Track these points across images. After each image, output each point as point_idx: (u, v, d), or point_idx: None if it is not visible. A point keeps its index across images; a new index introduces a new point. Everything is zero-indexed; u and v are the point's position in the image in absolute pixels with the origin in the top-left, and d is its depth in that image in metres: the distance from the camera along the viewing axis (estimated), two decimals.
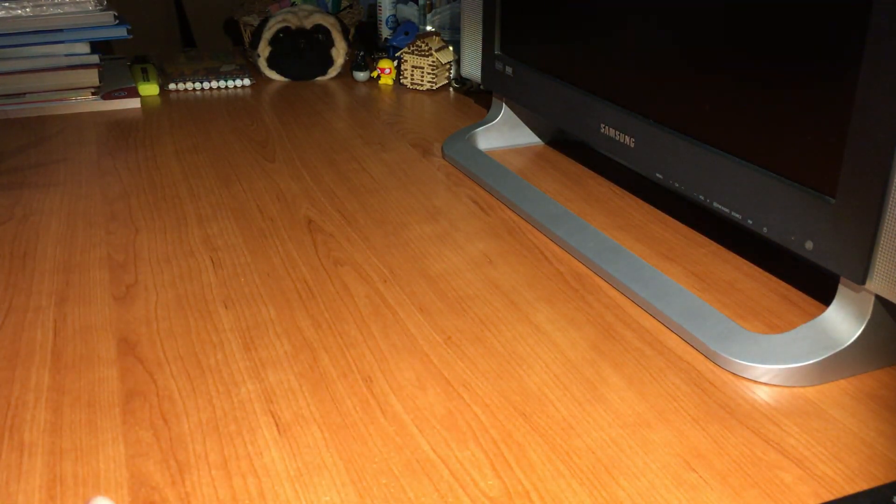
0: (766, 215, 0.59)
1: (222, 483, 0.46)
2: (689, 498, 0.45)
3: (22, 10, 1.11)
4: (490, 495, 0.45)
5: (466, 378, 0.55)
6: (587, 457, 0.48)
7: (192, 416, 0.51)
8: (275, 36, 1.27)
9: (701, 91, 0.65)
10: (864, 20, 0.49)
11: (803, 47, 0.55)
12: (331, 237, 0.75)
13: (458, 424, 0.51)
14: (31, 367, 0.56)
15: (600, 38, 0.78)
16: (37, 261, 0.71)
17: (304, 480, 0.46)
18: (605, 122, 0.77)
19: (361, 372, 0.56)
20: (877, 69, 0.49)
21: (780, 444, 0.49)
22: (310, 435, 0.50)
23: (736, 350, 0.56)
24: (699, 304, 0.62)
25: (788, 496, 0.45)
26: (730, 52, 0.62)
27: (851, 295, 0.54)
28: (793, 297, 0.65)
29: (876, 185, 0.49)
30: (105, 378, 0.55)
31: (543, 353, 0.58)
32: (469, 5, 0.99)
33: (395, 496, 0.45)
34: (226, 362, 0.57)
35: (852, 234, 0.52)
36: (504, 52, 0.95)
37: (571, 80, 0.83)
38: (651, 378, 0.55)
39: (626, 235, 0.75)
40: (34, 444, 0.49)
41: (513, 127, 1.00)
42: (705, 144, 0.64)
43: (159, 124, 1.09)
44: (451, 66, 1.25)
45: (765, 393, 0.54)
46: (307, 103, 1.18)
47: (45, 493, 0.45)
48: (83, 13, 1.14)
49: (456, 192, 0.86)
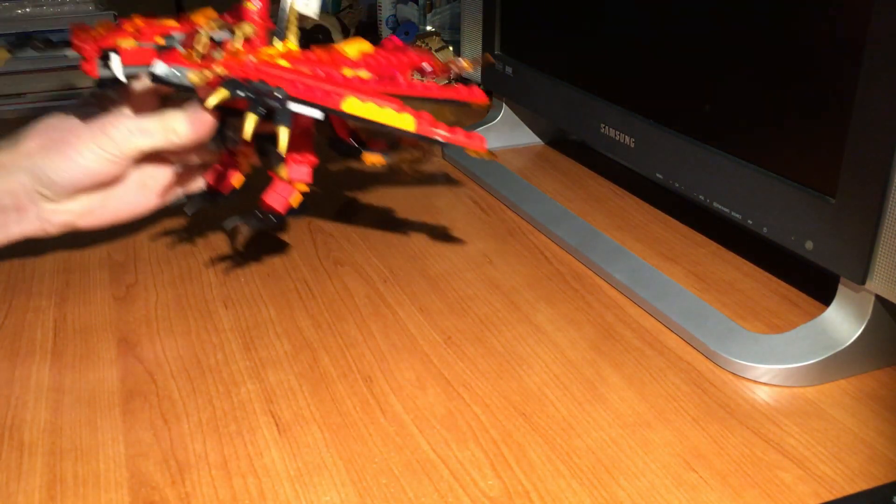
0: (766, 215, 0.59)
1: (222, 483, 0.46)
2: (689, 498, 0.45)
3: (22, 10, 1.11)
4: (490, 495, 0.45)
5: (466, 378, 0.55)
6: (587, 457, 0.48)
7: (192, 416, 0.51)
8: None
9: (701, 91, 0.65)
10: (864, 20, 0.49)
11: (803, 47, 0.55)
12: (331, 237, 0.75)
13: (458, 424, 0.51)
14: (31, 367, 0.56)
15: (600, 38, 0.78)
16: (37, 261, 0.71)
17: (304, 480, 0.46)
18: (605, 122, 0.77)
19: (361, 372, 0.56)
20: (877, 69, 0.49)
21: (780, 444, 0.49)
22: (310, 435, 0.50)
23: (736, 350, 0.56)
24: (699, 304, 0.62)
25: (788, 496, 0.45)
26: (730, 52, 0.62)
27: (851, 295, 0.54)
28: (793, 297, 0.65)
29: (876, 185, 0.49)
30: (105, 378, 0.55)
31: (543, 353, 0.58)
32: (469, 5, 0.99)
33: (395, 496, 0.45)
34: (226, 362, 0.57)
35: (852, 234, 0.52)
36: (504, 52, 0.95)
37: (571, 80, 0.83)
38: (651, 378, 0.55)
39: (626, 235, 0.75)
40: (34, 444, 0.49)
41: (513, 127, 1.00)
42: (705, 144, 0.64)
43: None
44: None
45: (765, 393, 0.54)
46: None
47: (45, 493, 0.45)
48: (83, 13, 1.14)
49: (456, 192, 0.86)
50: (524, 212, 0.79)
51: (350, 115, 0.48)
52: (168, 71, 0.52)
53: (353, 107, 0.48)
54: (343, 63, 0.54)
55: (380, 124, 0.48)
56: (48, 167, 0.59)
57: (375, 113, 0.48)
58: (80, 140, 0.59)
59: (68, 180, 0.60)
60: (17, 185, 0.59)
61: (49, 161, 0.59)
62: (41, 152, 0.59)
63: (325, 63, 0.53)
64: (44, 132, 0.60)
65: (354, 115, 0.48)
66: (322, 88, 0.48)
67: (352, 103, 0.48)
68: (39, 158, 0.59)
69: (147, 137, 0.60)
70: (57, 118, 0.61)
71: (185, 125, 0.59)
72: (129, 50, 0.51)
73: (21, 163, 0.59)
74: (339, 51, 0.55)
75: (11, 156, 0.59)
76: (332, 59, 0.54)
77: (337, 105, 0.48)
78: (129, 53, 0.51)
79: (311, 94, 0.48)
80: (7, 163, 0.59)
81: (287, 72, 0.49)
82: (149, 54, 0.51)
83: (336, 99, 0.48)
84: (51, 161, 0.59)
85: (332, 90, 0.48)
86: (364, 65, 0.55)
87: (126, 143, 0.59)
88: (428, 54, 0.61)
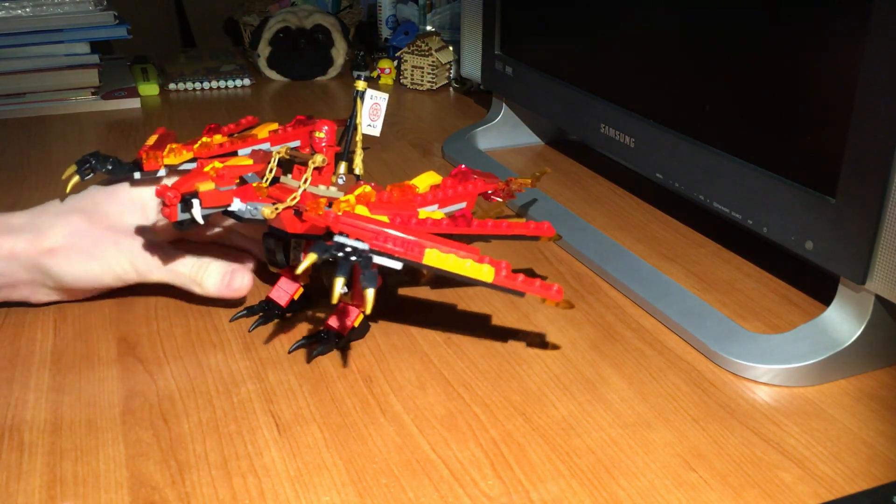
0: (766, 215, 0.59)
1: (222, 483, 0.46)
2: (689, 498, 0.45)
3: (22, 10, 1.11)
4: (490, 495, 0.45)
5: (466, 378, 0.55)
6: (587, 457, 0.48)
7: (192, 416, 0.51)
8: (275, 36, 1.27)
9: (701, 91, 0.65)
10: (864, 20, 0.49)
11: (803, 47, 0.55)
12: None
13: (458, 424, 0.51)
14: (31, 367, 0.56)
15: (600, 38, 0.78)
16: None
17: (304, 480, 0.46)
18: (605, 122, 0.77)
19: (361, 372, 0.56)
20: (877, 69, 0.49)
21: (780, 444, 0.49)
22: (310, 435, 0.50)
23: (736, 350, 0.56)
24: (699, 304, 0.62)
25: (788, 496, 0.45)
26: (730, 52, 0.62)
27: (851, 295, 0.54)
28: (793, 297, 0.65)
29: (876, 185, 0.49)
30: (105, 378, 0.55)
31: (543, 353, 0.58)
32: (469, 5, 0.99)
33: (395, 496, 0.45)
34: (226, 362, 0.57)
35: (852, 234, 0.52)
36: (504, 51, 0.95)
37: (571, 80, 0.83)
38: (651, 378, 0.55)
39: (626, 235, 0.75)
40: (34, 444, 0.49)
41: (513, 127, 1.00)
42: (705, 144, 0.64)
43: (159, 124, 1.09)
44: (451, 66, 1.25)
45: (765, 393, 0.54)
46: (307, 103, 1.18)
47: (45, 493, 0.45)
48: (83, 13, 1.14)
49: None
50: (524, 212, 0.79)
51: (431, 268, 0.49)
52: (244, 208, 0.53)
53: (435, 259, 0.49)
54: (414, 201, 0.55)
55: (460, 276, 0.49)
56: (64, 272, 0.56)
57: (456, 265, 0.49)
58: (105, 257, 0.56)
59: (79, 285, 0.58)
60: (24, 275, 0.57)
61: (67, 266, 0.56)
62: (62, 255, 0.56)
63: (399, 204, 0.54)
64: (72, 233, 0.56)
65: (435, 268, 0.49)
66: (403, 239, 0.49)
67: (433, 256, 0.49)
68: (59, 260, 0.56)
69: (171, 277, 0.58)
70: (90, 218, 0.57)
71: (215, 285, 0.58)
72: (209, 193, 0.52)
73: (38, 259, 0.56)
74: (410, 187, 0.57)
75: (30, 247, 0.56)
76: (405, 197, 0.55)
77: (419, 258, 0.49)
78: (210, 196, 0.52)
79: (393, 247, 0.49)
80: (23, 253, 0.56)
81: (367, 221, 0.50)
82: (228, 196, 0.52)
83: (418, 252, 0.49)
84: (69, 266, 0.56)
85: (412, 241, 0.49)
86: (433, 198, 0.57)
87: (149, 274, 0.58)
88: (493, 179, 0.62)
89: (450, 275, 0.49)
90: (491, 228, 0.54)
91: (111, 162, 0.59)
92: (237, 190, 0.53)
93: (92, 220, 0.57)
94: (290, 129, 0.68)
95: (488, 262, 0.49)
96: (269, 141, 0.66)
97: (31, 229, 0.56)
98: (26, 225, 0.56)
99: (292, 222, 0.53)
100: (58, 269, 0.56)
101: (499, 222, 0.54)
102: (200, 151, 0.61)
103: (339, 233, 0.49)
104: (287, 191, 0.54)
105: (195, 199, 0.51)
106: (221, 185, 0.52)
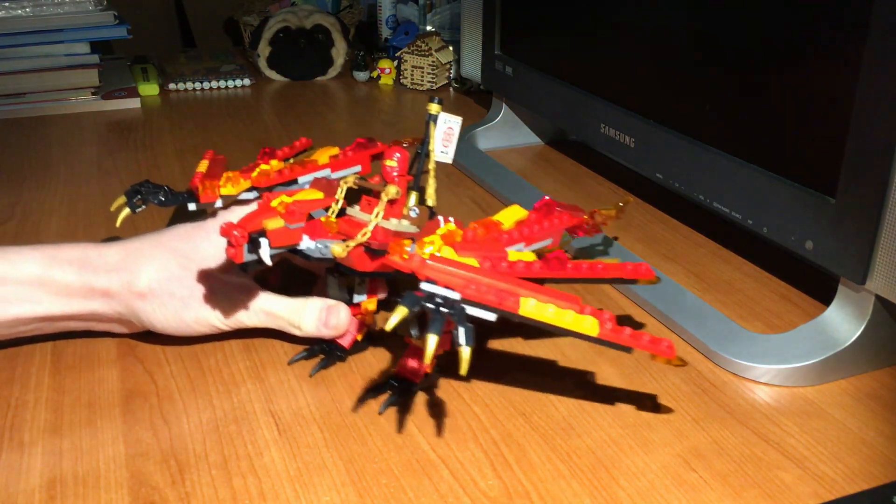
0: (766, 215, 0.59)
1: (222, 483, 0.46)
2: (689, 498, 0.45)
3: (22, 10, 1.11)
4: (490, 495, 0.45)
5: (466, 378, 0.55)
6: (587, 457, 0.48)
7: (192, 416, 0.51)
8: (275, 36, 1.27)
9: (701, 91, 0.65)
10: (864, 20, 0.49)
11: (803, 47, 0.55)
12: None
13: (458, 424, 0.51)
14: (31, 367, 0.56)
15: (600, 38, 0.78)
16: None
17: (304, 480, 0.46)
18: (605, 122, 0.77)
19: (361, 372, 0.56)
20: (877, 69, 0.49)
21: (780, 444, 0.49)
22: (310, 435, 0.50)
23: (736, 350, 0.56)
24: (699, 304, 0.62)
25: (788, 496, 0.45)
26: (730, 52, 0.61)
27: (851, 295, 0.54)
28: (793, 297, 0.65)
29: (876, 185, 0.49)
30: (105, 378, 0.55)
31: (543, 353, 0.58)
32: (469, 5, 0.99)
33: (395, 496, 0.45)
34: (226, 362, 0.57)
35: (852, 234, 0.52)
36: (504, 52, 0.95)
37: (571, 80, 0.83)
38: (651, 378, 0.55)
39: (627, 235, 0.75)
40: (34, 444, 0.49)
41: (513, 127, 1.00)
42: (705, 144, 0.64)
43: (159, 124, 1.09)
44: (451, 66, 1.25)
45: (765, 393, 0.54)
46: (307, 103, 1.18)
47: (45, 493, 0.45)
48: (83, 13, 1.14)
49: (456, 192, 0.86)
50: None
51: (528, 320, 0.43)
52: (313, 246, 0.49)
53: (532, 310, 0.43)
54: (501, 240, 0.50)
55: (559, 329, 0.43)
56: (155, 319, 0.54)
57: (556, 318, 0.44)
58: (199, 307, 0.54)
59: (168, 332, 0.55)
60: (114, 314, 0.55)
61: (159, 312, 0.54)
62: (155, 301, 0.53)
63: (486, 244, 0.49)
64: (168, 280, 0.54)
65: (532, 319, 0.43)
66: (496, 288, 0.44)
67: (530, 306, 0.43)
68: (150, 305, 0.54)
69: (269, 321, 0.55)
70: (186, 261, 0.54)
71: (314, 325, 0.55)
72: (278, 231, 0.47)
73: (130, 302, 0.54)
74: (495, 224, 0.52)
75: (123, 290, 0.53)
76: (490, 235, 0.50)
77: (514, 308, 0.43)
78: (279, 235, 0.47)
79: (485, 296, 0.43)
80: (117, 295, 0.54)
81: (456, 266, 0.45)
82: (297, 234, 0.48)
83: (513, 302, 0.43)
84: (160, 313, 0.54)
85: (507, 290, 0.44)
86: (520, 236, 0.52)
87: (247, 322, 0.55)
88: (578, 211, 0.58)
89: (547, 327, 0.44)
90: (586, 271, 0.49)
91: (163, 192, 0.56)
92: (306, 226, 0.48)
93: (186, 265, 0.54)
94: (351, 154, 0.64)
95: (590, 314, 0.44)
96: (329, 167, 0.62)
97: (124, 269, 0.54)
98: (120, 263, 0.54)
99: (362, 260, 0.49)
100: (148, 314, 0.54)
101: (593, 264, 0.49)
102: (259, 180, 0.58)
103: (426, 279, 0.43)
104: (356, 225, 0.49)
105: (263, 238, 0.46)
106: (291, 223, 0.48)
